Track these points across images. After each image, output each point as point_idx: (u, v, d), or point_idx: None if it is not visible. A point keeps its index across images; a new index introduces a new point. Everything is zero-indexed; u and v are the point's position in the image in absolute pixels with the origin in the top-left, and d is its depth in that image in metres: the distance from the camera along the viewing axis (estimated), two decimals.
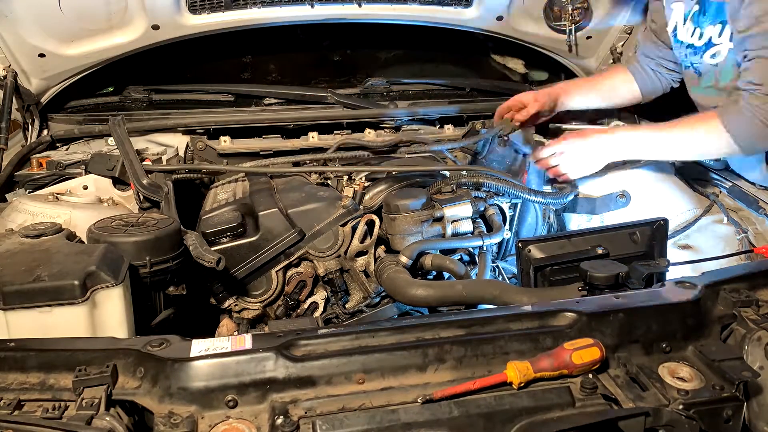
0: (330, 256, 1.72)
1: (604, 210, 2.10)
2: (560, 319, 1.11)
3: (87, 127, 2.26)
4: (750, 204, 1.95)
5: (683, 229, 2.00)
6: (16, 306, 1.15)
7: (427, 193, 1.80)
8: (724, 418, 1.00)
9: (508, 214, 1.97)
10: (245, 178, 2.00)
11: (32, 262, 1.22)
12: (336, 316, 1.75)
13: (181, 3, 2.14)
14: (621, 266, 1.29)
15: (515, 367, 0.99)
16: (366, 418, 0.94)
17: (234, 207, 1.76)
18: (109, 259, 1.26)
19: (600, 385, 1.01)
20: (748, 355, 1.10)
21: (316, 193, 1.82)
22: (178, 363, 0.98)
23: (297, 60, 2.76)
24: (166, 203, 1.74)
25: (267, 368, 0.99)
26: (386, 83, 2.61)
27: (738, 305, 1.16)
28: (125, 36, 2.18)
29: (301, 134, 2.29)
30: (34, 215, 1.68)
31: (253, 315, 1.71)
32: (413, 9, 2.37)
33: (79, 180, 1.93)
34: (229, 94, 2.49)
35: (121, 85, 2.54)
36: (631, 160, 2.23)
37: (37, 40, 2.09)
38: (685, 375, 1.04)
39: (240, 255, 1.67)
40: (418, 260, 1.69)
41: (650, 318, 1.11)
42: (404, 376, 1.02)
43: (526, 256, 1.51)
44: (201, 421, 0.95)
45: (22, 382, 0.99)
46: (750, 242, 1.88)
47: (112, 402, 0.93)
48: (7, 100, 2.11)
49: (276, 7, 2.26)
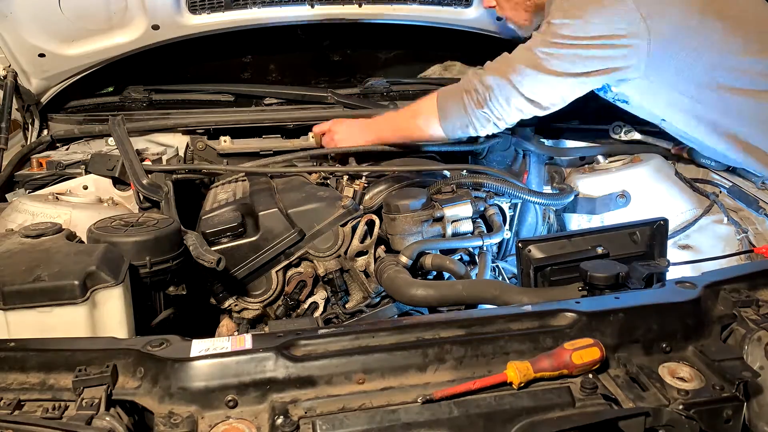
0: (330, 256, 1.72)
1: (604, 210, 2.10)
2: (560, 319, 1.11)
3: (87, 127, 2.25)
4: (750, 204, 1.95)
5: (683, 229, 2.00)
6: (16, 306, 1.15)
7: (427, 193, 1.80)
8: (724, 418, 1.00)
9: (508, 214, 1.98)
10: (245, 178, 2.00)
11: (32, 262, 1.22)
12: (336, 316, 1.75)
13: (181, 3, 2.14)
14: (621, 266, 1.29)
15: (515, 367, 0.99)
16: (366, 418, 0.94)
17: (234, 207, 1.76)
18: (109, 259, 1.26)
19: (600, 385, 1.01)
20: (748, 355, 1.10)
21: (316, 193, 1.82)
22: (178, 363, 0.98)
23: (297, 60, 2.76)
24: (166, 203, 1.74)
25: (267, 368, 0.99)
26: (386, 83, 2.61)
27: (738, 305, 1.15)
28: (125, 36, 2.18)
29: (301, 134, 2.29)
30: (34, 215, 1.68)
31: (253, 315, 1.71)
32: (413, 9, 2.37)
33: (79, 180, 1.93)
34: (229, 94, 2.49)
35: (121, 85, 2.54)
36: (631, 159, 2.24)
37: (37, 40, 2.09)
38: (685, 375, 1.04)
39: (240, 255, 1.67)
40: (418, 260, 1.69)
41: (650, 318, 1.11)
42: (404, 376, 1.02)
43: (526, 256, 1.51)
44: (201, 421, 0.95)
45: (22, 382, 0.98)
46: (750, 242, 1.88)
47: (112, 402, 0.93)
48: (7, 100, 2.11)
49: (276, 7, 2.26)
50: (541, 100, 1.76)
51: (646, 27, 1.65)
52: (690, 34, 1.69)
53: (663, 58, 1.70)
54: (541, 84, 1.73)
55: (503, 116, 1.79)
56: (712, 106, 1.77)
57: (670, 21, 1.67)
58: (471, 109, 1.80)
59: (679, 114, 1.82)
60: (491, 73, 1.78)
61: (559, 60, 1.71)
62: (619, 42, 1.68)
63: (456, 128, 1.86)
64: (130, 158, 1.85)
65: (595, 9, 1.68)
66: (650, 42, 1.66)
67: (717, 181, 2.11)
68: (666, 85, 1.76)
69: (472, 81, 1.80)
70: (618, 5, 1.66)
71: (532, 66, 1.72)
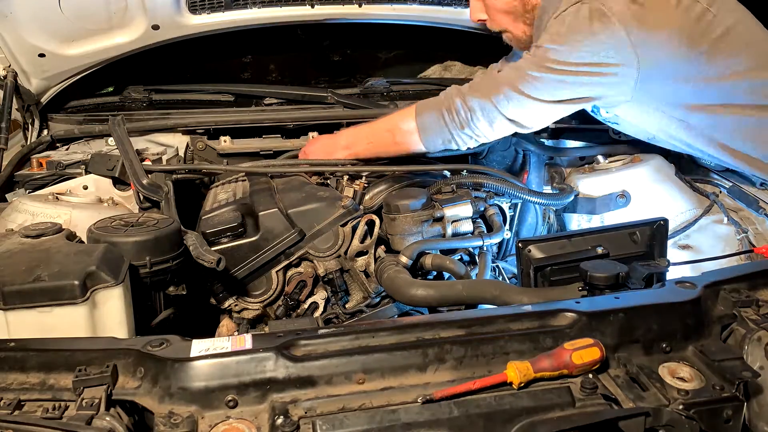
0: (330, 256, 1.72)
1: (604, 210, 2.10)
2: (560, 319, 1.11)
3: (87, 127, 2.25)
4: (750, 204, 1.95)
5: (683, 229, 2.01)
6: (16, 306, 1.15)
7: (427, 193, 1.80)
8: (724, 418, 1.00)
9: (508, 214, 1.98)
10: (245, 178, 2.00)
11: (32, 262, 1.22)
12: (336, 316, 1.75)
13: (181, 3, 2.14)
14: (621, 266, 1.29)
15: (515, 367, 0.99)
16: (366, 418, 0.94)
17: (234, 207, 1.76)
18: (109, 259, 1.25)
19: (600, 385, 1.01)
20: (748, 355, 1.10)
21: (316, 193, 1.81)
22: (178, 363, 0.98)
23: (297, 60, 2.76)
24: (166, 203, 1.74)
25: (267, 368, 0.99)
26: (386, 83, 2.61)
27: (738, 305, 1.15)
28: (125, 36, 2.18)
29: (301, 134, 2.29)
30: (34, 215, 1.68)
31: (253, 315, 1.71)
32: (413, 9, 2.37)
33: (79, 180, 1.93)
34: (229, 94, 2.49)
35: (121, 85, 2.54)
36: (631, 159, 2.24)
37: (37, 40, 2.09)
38: (685, 375, 1.04)
39: (240, 255, 1.67)
40: (418, 260, 1.69)
41: (650, 318, 1.11)
42: (404, 376, 1.02)
43: (526, 256, 1.51)
44: (201, 421, 0.95)
45: (22, 382, 0.98)
46: (750, 242, 1.88)
47: (112, 402, 0.93)
48: (7, 100, 2.11)
49: (276, 7, 2.26)
50: (524, 122, 1.77)
51: (636, 55, 1.65)
52: (678, 62, 1.69)
53: (651, 84, 1.71)
54: (525, 108, 1.74)
55: (485, 135, 1.80)
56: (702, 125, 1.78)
57: (659, 50, 1.67)
58: (452, 127, 1.80)
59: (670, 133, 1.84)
60: (475, 95, 1.77)
61: (545, 85, 1.70)
62: (606, 70, 1.68)
63: (438, 144, 1.86)
64: (130, 158, 1.85)
65: (584, 36, 1.67)
66: (639, 71, 1.67)
67: (717, 181, 2.11)
68: (654, 109, 1.78)
69: (455, 100, 1.79)
70: (608, 33, 1.65)
71: (517, 90, 1.72)
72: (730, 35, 1.72)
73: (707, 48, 1.70)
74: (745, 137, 1.78)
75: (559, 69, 1.69)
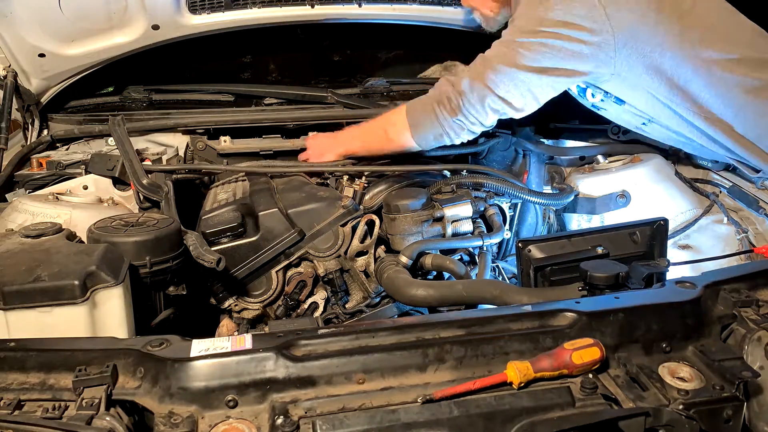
0: (330, 256, 1.72)
1: (604, 210, 2.10)
2: (560, 319, 1.11)
3: (87, 127, 2.25)
4: (750, 204, 1.95)
5: (683, 229, 2.01)
6: (16, 306, 1.15)
7: (427, 193, 1.80)
8: (724, 418, 1.00)
9: (508, 214, 1.98)
10: (245, 178, 2.00)
11: (32, 262, 1.22)
12: (336, 316, 1.75)
13: (181, 3, 2.14)
14: (621, 266, 1.29)
15: (515, 367, 0.99)
16: (366, 418, 0.94)
17: (234, 207, 1.76)
18: (109, 259, 1.26)
19: (600, 385, 1.01)
20: (748, 355, 1.10)
21: (316, 193, 1.82)
22: (178, 363, 0.98)
23: (297, 60, 2.76)
24: (166, 203, 1.74)
25: (267, 368, 0.99)
26: (386, 83, 2.61)
27: (738, 305, 1.15)
28: (125, 36, 2.18)
29: (301, 134, 2.29)
30: (34, 215, 1.68)
31: (253, 315, 1.71)
32: (413, 9, 2.37)
33: (79, 180, 1.93)
34: (229, 94, 2.49)
35: (121, 85, 2.54)
36: (631, 159, 2.24)
37: (37, 40, 2.09)
38: (685, 375, 1.04)
39: (240, 255, 1.67)
40: (418, 260, 1.69)
41: (650, 318, 1.11)
42: (404, 376, 1.02)
43: (526, 256, 1.51)
44: (201, 421, 0.95)
45: (22, 382, 0.98)
46: (750, 242, 1.89)
47: (112, 402, 0.93)
48: (7, 100, 2.11)
49: (276, 7, 2.26)
50: (514, 101, 1.74)
51: (605, 15, 1.65)
52: (650, 29, 1.68)
53: (630, 54, 1.69)
54: (514, 81, 1.72)
55: (478, 119, 1.77)
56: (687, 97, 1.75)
57: (628, 11, 1.67)
58: (443, 118, 1.79)
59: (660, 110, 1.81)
60: (465, 77, 1.77)
61: (528, 52, 1.69)
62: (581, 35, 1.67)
63: (429, 140, 1.86)
64: (130, 158, 1.85)
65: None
66: (615, 36, 1.66)
67: (717, 181, 2.11)
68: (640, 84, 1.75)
69: (446, 90, 1.79)
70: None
71: (505, 63, 1.72)
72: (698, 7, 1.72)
73: (678, 17, 1.69)
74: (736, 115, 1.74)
75: (537, 30, 1.69)
